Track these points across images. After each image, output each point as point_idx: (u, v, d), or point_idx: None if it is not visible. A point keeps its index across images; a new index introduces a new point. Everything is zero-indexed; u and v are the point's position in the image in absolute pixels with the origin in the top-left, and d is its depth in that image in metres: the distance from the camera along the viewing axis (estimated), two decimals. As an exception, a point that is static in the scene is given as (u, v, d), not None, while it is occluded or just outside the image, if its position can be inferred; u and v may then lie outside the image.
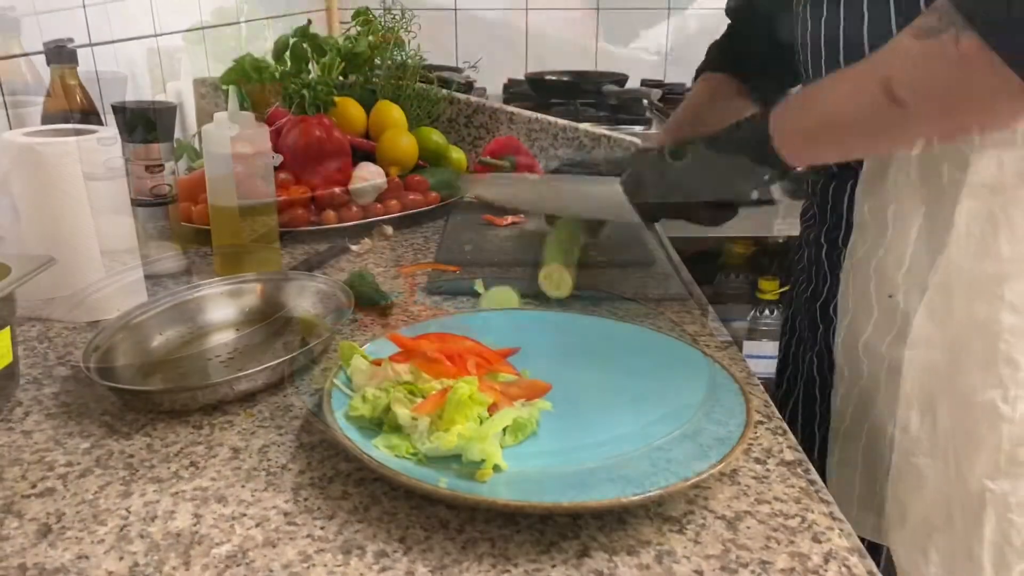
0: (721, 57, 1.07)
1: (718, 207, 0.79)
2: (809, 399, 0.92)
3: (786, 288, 2.01)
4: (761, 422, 0.66)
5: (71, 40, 1.00)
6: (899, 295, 0.72)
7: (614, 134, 1.39)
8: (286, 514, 0.54)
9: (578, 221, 0.94)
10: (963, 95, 0.58)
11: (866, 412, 0.77)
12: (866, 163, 0.75)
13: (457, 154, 1.35)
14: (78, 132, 0.82)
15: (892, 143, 0.69)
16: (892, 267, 0.73)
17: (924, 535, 0.73)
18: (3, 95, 0.98)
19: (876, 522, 0.77)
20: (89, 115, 1.00)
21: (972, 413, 0.70)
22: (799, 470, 0.59)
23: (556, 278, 0.87)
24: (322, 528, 0.52)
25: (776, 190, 0.76)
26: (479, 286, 0.90)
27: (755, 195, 0.76)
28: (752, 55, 1.03)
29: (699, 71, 1.09)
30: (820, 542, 0.52)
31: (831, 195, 0.85)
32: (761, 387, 0.73)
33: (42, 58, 0.99)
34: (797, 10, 0.81)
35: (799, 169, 0.73)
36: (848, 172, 0.80)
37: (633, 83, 2.35)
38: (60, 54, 0.98)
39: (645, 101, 2.14)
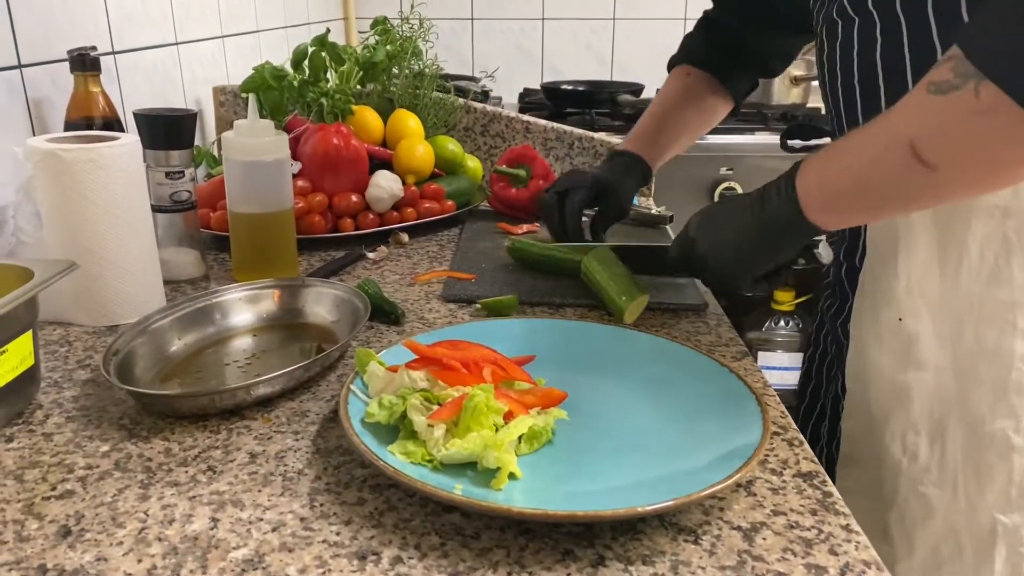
0: (698, 50, 1.07)
1: (768, 277, 0.77)
2: (835, 416, 0.92)
3: (802, 299, 2.01)
4: (777, 433, 0.66)
5: (94, 48, 1.01)
6: (908, 318, 0.71)
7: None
8: (302, 519, 0.54)
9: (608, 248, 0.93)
10: (993, 148, 0.55)
11: (874, 437, 0.75)
12: None
13: (473, 163, 1.36)
14: (100, 139, 0.83)
15: (929, 204, 0.66)
16: (902, 290, 0.72)
17: (933, 567, 0.72)
18: (27, 102, 0.99)
19: (883, 551, 0.75)
20: (111, 122, 1.02)
21: (982, 442, 0.69)
22: (815, 482, 0.59)
23: (641, 305, 0.85)
24: (338, 534, 0.53)
25: (820, 253, 0.76)
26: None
27: (802, 262, 0.76)
28: (730, 50, 1.04)
29: (673, 62, 1.09)
30: (837, 554, 0.51)
31: None
32: (777, 398, 0.72)
33: (66, 65, 1.00)
34: (818, 31, 0.81)
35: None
36: None
37: (649, 93, 2.34)
38: (83, 62, 0.99)
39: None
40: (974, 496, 0.69)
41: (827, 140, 0.85)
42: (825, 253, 0.77)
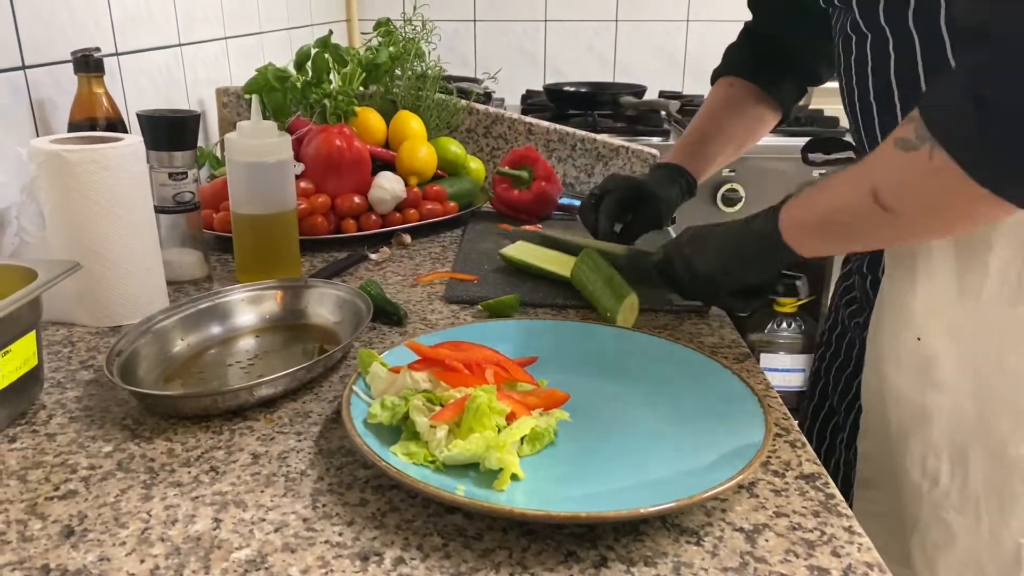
0: (740, 60, 1.06)
1: (746, 295, 0.82)
2: (846, 418, 0.91)
3: (804, 301, 2.00)
4: (780, 435, 0.66)
5: (98, 49, 1.02)
6: (927, 339, 0.71)
7: (632, 145, 1.39)
8: (305, 520, 0.54)
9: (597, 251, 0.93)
10: (941, 203, 0.61)
11: (893, 460, 0.74)
12: None
13: (475, 164, 1.36)
14: (104, 139, 0.83)
15: (887, 242, 0.74)
16: (920, 310, 0.71)
17: None
18: (31, 103, 0.99)
19: (903, 574, 0.74)
20: (115, 123, 1.02)
21: (1004, 467, 0.67)
22: (818, 483, 0.59)
23: (633, 307, 0.85)
24: (340, 534, 0.53)
25: (800, 286, 0.80)
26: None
27: (780, 288, 0.81)
28: (773, 58, 1.03)
29: (716, 74, 1.08)
30: (839, 556, 0.51)
31: None
32: (779, 399, 0.72)
33: (69, 66, 1.00)
34: (836, 44, 0.81)
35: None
36: None
37: (651, 94, 2.35)
38: (87, 63, 1.00)
39: (663, 112, 2.14)
40: (996, 523, 0.68)
41: (850, 154, 0.85)
42: (803, 288, 0.81)
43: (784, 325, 2.04)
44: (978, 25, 0.55)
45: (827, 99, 2.07)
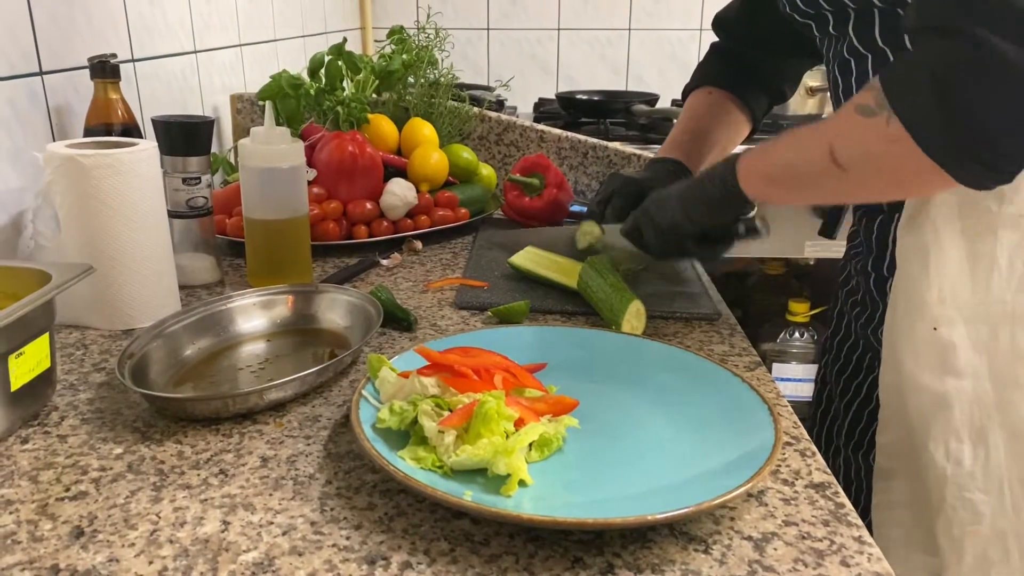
0: (716, 72, 1.10)
1: (711, 242, 0.87)
2: (855, 419, 0.92)
3: (817, 311, 2.00)
4: (789, 443, 0.66)
5: (114, 55, 1.03)
6: (943, 328, 0.72)
7: (644, 152, 1.39)
8: (313, 523, 0.54)
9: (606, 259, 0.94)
10: (892, 168, 0.65)
11: (915, 448, 0.76)
12: (907, 200, 0.76)
13: (487, 171, 1.36)
14: (118, 144, 0.84)
15: (835, 198, 0.83)
16: (935, 301, 0.73)
17: (982, 573, 0.72)
18: (48, 108, 1.01)
19: (927, 561, 0.75)
20: (130, 128, 1.03)
21: None
22: (828, 493, 0.59)
23: (640, 313, 0.84)
24: (347, 538, 0.53)
25: (761, 223, 0.85)
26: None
27: (741, 228, 0.85)
28: (745, 73, 1.07)
29: (689, 88, 1.12)
30: (849, 566, 0.51)
31: (876, 227, 0.85)
32: (790, 408, 0.72)
33: (86, 72, 1.01)
34: (830, 68, 0.85)
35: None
36: (896, 207, 0.81)
37: (664, 103, 2.35)
38: (103, 69, 1.01)
39: (675, 121, 2.14)
40: (1020, 499, 0.70)
41: None
42: (764, 229, 0.87)
43: (796, 335, 2.03)
44: (942, 23, 0.59)
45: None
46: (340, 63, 1.33)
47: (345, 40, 1.37)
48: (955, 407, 0.72)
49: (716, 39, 1.13)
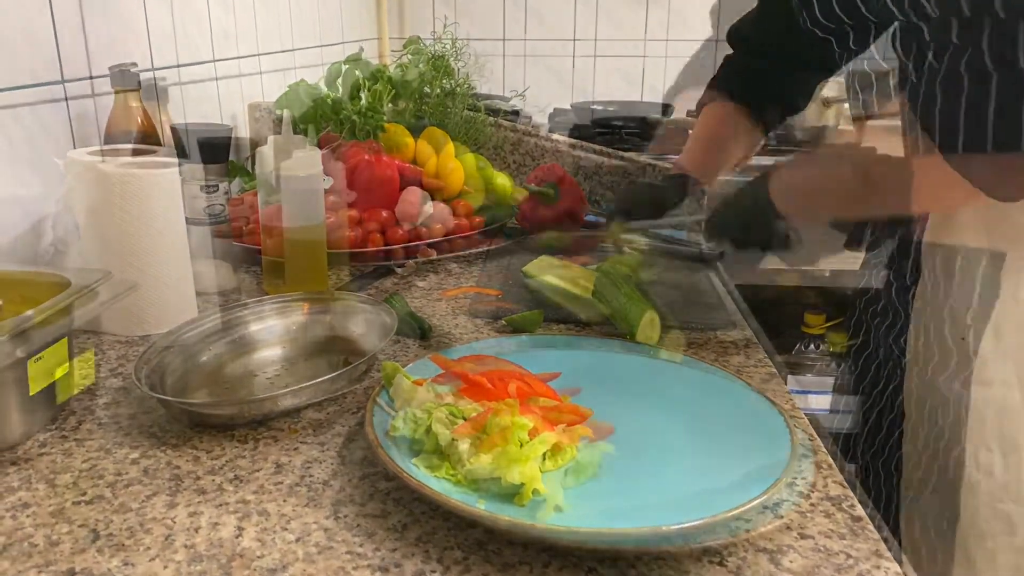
0: (727, 88, 1.09)
1: (755, 244, 0.88)
2: (875, 429, 0.92)
3: (832, 323, 1.98)
4: (805, 456, 0.65)
5: (134, 64, 1.04)
6: (970, 337, 0.72)
7: (659, 162, 1.39)
8: (326, 530, 0.54)
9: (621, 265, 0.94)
10: (931, 194, 0.69)
11: (943, 459, 0.75)
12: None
13: (502, 180, 1.36)
14: (138, 152, 0.85)
15: (862, 212, 0.85)
16: (961, 310, 0.72)
17: None
18: (69, 116, 1.02)
19: (956, 572, 0.75)
20: (149, 136, 1.04)
21: None
22: (844, 505, 0.58)
23: (654, 323, 0.84)
24: (361, 545, 0.53)
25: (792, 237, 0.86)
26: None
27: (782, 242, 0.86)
28: (759, 87, 1.07)
29: (704, 101, 1.12)
30: (866, 580, 0.50)
31: (899, 237, 0.85)
32: (806, 420, 0.71)
33: (107, 81, 1.03)
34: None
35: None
36: (920, 216, 0.80)
37: (679, 114, 2.35)
38: (124, 78, 1.02)
39: (690, 131, 2.14)
40: None
41: None
42: (795, 237, 0.87)
43: (812, 347, 2.02)
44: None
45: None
46: (357, 72, 1.34)
47: (362, 50, 1.38)
48: (984, 416, 0.71)
49: (731, 51, 1.13)
